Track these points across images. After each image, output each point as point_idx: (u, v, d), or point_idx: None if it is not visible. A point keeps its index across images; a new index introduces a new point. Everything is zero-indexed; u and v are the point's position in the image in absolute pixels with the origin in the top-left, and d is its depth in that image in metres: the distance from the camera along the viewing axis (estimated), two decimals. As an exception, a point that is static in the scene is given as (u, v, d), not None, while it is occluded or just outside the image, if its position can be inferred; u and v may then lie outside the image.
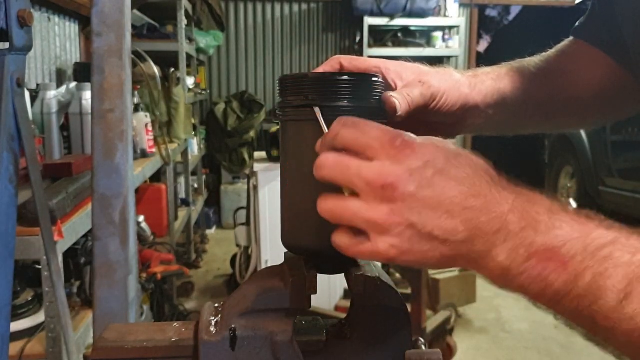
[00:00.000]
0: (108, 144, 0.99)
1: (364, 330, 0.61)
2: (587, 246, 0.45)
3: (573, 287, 0.45)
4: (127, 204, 0.99)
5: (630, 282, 0.43)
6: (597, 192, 4.38)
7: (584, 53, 0.85)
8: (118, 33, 0.99)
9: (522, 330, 3.41)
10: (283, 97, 0.62)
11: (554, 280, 0.46)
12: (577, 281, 0.45)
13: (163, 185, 3.62)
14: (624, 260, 0.44)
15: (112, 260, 0.98)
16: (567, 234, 0.46)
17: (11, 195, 0.99)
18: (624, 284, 0.43)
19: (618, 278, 0.44)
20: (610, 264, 0.44)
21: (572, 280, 0.45)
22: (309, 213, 0.58)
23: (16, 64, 1.02)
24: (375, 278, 0.60)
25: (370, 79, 0.62)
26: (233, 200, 5.71)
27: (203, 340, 0.58)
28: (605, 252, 0.45)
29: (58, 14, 3.26)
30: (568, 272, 0.45)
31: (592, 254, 0.45)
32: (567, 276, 0.45)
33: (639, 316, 0.43)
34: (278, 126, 0.71)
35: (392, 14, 5.75)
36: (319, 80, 0.58)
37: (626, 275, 0.44)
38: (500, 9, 8.28)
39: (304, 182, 0.56)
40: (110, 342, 0.60)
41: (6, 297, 0.99)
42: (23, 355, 1.56)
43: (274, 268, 0.64)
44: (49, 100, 2.10)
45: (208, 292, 4.08)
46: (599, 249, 0.45)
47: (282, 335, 0.59)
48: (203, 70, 5.77)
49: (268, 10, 6.16)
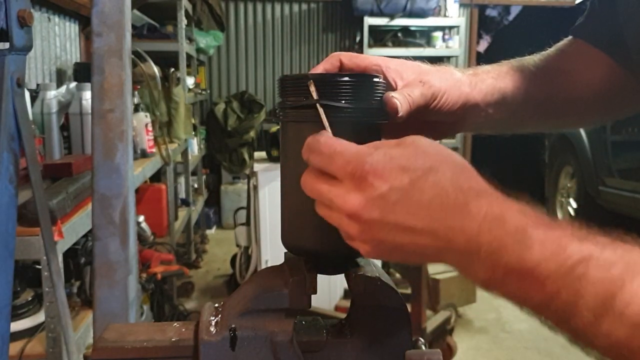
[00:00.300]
0: (108, 144, 0.99)
1: (364, 330, 0.61)
2: (561, 266, 0.45)
3: (550, 303, 0.46)
4: (127, 204, 0.99)
5: (604, 301, 0.43)
6: (597, 192, 4.38)
7: (583, 53, 0.85)
8: (118, 33, 0.99)
9: (522, 330, 3.40)
10: (283, 97, 0.62)
11: (532, 296, 0.47)
12: (554, 299, 0.45)
13: (163, 185, 3.62)
14: (598, 278, 0.44)
15: (112, 260, 0.98)
16: (539, 253, 0.46)
17: (11, 195, 0.99)
18: (598, 302, 0.44)
19: (591, 297, 0.44)
20: (584, 283, 0.44)
21: (549, 298, 0.46)
22: (308, 213, 0.58)
23: (16, 64, 1.02)
24: (375, 278, 0.60)
25: (371, 80, 0.62)
26: (233, 200, 5.71)
27: (203, 340, 0.58)
28: (578, 271, 0.44)
29: (58, 14, 3.26)
30: (545, 291, 0.46)
31: (565, 274, 0.45)
32: (544, 294, 0.46)
33: (613, 334, 0.43)
34: (278, 126, 0.71)
35: (392, 14, 5.75)
36: (319, 81, 0.58)
37: (599, 294, 0.44)
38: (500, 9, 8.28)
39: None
40: (110, 342, 0.60)
41: (6, 297, 0.99)
42: (23, 355, 1.56)
43: (274, 268, 0.64)
44: (49, 100, 2.10)
45: (208, 292, 4.08)
46: (573, 268, 0.45)
47: (282, 335, 0.59)
48: (203, 70, 5.77)
49: (268, 10, 6.16)
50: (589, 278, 0.44)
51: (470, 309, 3.59)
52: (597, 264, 0.44)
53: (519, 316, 3.59)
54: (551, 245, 0.46)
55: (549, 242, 0.46)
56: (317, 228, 0.59)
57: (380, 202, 0.49)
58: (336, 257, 0.62)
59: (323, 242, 0.60)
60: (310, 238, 0.61)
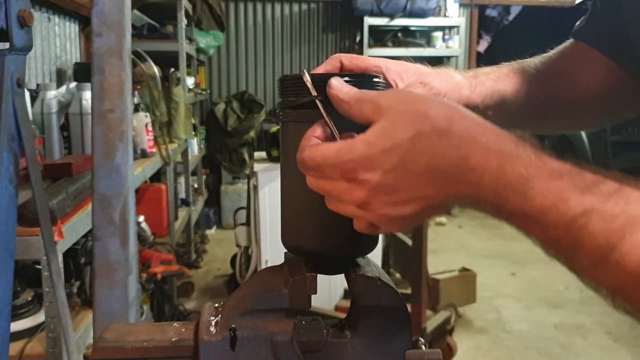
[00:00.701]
0: (108, 144, 0.99)
1: (364, 330, 0.61)
2: (562, 216, 0.46)
3: (553, 245, 0.48)
4: (127, 204, 0.99)
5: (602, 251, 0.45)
6: (597, 192, 4.37)
7: (583, 55, 0.85)
8: (118, 33, 0.99)
9: (522, 330, 3.40)
10: (283, 97, 0.62)
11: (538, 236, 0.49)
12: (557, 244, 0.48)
13: (163, 185, 3.62)
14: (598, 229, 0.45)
15: (112, 260, 0.98)
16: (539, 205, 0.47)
17: (11, 195, 0.99)
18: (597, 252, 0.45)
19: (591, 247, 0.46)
20: (584, 233, 0.46)
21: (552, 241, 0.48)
22: (309, 214, 0.58)
23: (16, 64, 1.02)
24: (375, 278, 0.60)
25: (372, 80, 0.62)
26: (233, 200, 5.71)
27: (203, 340, 0.58)
28: (579, 223, 0.46)
29: (58, 14, 3.26)
30: (547, 235, 0.48)
31: (566, 224, 0.46)
32: (546, 237, 0.48)
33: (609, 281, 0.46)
34: (278, 126, 0.71)
35: (392, 14, 5.75)
36: (319, 82, 0.58)
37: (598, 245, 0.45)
38: (500, 9, 8.28)
39: (304, 183, 0.56)
40: (110, 342, 0.60)
41: (6, 297, 0.99)
42: (23, 355, 1.56)
43: (274, 268, 0.64)
44: (49, 100, 2.10)
45: (208, 292, 4.08)
46: (574, 219, 0.46)
47: (282, 335, 0.59)
48: (203, 70, 5.77)
49: (268, 10, 6.16)
50: (590, 229, 0.46)
51: (470, 309, 3.59)
52: (599, 216, 0.46)
53: (519, 316, 3.59)
54: (552, 197, 0.47)
55: (550, 194, 0.47)
56: (317, 228, 0.59)
57: (382, 188, 0.50)
58: (336, 258, 0.62)
59: (323, 243, 0.60)
60: (310, 238, 0.61)
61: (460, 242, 5.26)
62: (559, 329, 3.41)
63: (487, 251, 4.96)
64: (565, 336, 3.32)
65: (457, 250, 4.99)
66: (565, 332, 3.37)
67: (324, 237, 0.59)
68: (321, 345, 0.61)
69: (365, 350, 0.61)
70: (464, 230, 5.68)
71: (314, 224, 0.58)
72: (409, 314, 0.62)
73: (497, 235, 5.42)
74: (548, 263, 0.52)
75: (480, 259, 4.68)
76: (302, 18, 6.22)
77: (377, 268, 0.63)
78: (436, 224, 5.76)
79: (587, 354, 3.11)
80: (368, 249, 0.63)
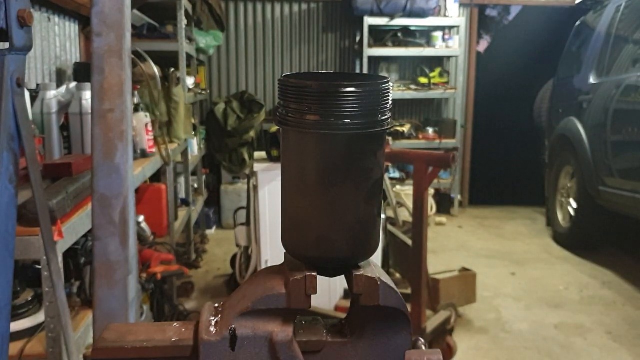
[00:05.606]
0: (108, 144, 0.99)
1: (364, 330, 0.61)
2: None
3: None
4: (127, 204, 0.99)
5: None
6: (597, 192, 4.37)
7: None
8: (118, 33, 0.99)
9: (522, 330, 3.40)
10: (284, 101, 0.61)
11: None
12: None
13: (163, 185, 3.62)
14: None
15: (112, 260, 0.98)
16: None
17: (11, 195, 0.99)
18: None
19: None
20: None
21: None
22: (310, 223, 0.58)
23: (16, 64, 1.02)
24: (375, 278, 0.60)
25: (378, 88, 0.60)
26: (233, 200, 5.71)
27: (203, 340, 0.58)
28: None
29: (58, 14, 3.26)
30: None
31: None
32: None
33: None
34: (278, 126, 0.71)
35: (392, 13, 5.75)
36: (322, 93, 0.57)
37: None
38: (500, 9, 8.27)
39: (305, 193, 0.56)
40: (110, 342, 0.60)
41: (6, 297, 0.99)
42: (23, 355, 1.56)
43: (274, 268, 0.64)
44: (49, 100, 2.10)
45: (208, 292, 4.08)
46: None
47: (282, 335, 0.59)
48: (203, 70, 5.77)
49: (268, 10, 6.16)
50: None
51: (470, 309, 3.59)
52: None
53: (519, 316, 3.59)
54: None
55: None
56: (318, 237, 0.59)
57: None
58: (336, 265, 0.62)
59: (324, 251, 0.60)
60: (311, 247, 0.60)
61: (460, 242, 5.26)
62: (559, 329, 3.41)
63: (487, 251, 4.96)
64: (565, 336, 3.31)
65: (457, 250, 4.99)
66: (565, 332, 3.37)
67: (325, 246, 0.59)
68: (321, 346, 0.61)
69: (365, 350, 0.61)
70: (464, 230, 5.68)
71: (316, 234, 0.58)
72: (408, 314, 0.62)
73: (497, 235, 5.42)
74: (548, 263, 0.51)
75: (480, 259, 4.68)
76: (302, 18, 6.22)
77: (377, 268, 0.63)
78: (436, 224, 5.76)
79: (587, 354, 3.10)
80: (368, 255, 0.63)
